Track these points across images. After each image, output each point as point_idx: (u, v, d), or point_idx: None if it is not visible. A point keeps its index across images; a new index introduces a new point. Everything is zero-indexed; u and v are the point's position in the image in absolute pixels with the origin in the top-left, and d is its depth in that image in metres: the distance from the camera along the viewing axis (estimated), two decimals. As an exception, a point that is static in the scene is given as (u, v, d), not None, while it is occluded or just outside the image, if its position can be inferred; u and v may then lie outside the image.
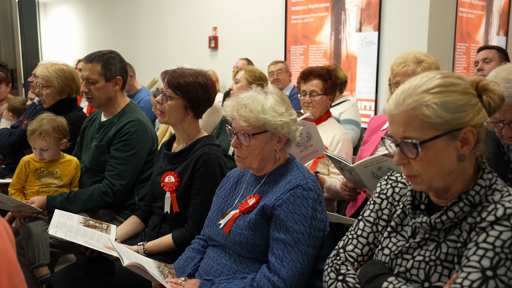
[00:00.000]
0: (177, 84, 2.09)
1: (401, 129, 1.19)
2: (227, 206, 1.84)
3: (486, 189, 1.22)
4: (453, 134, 1.17)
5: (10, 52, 6.80)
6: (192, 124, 2.22)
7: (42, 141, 2.53)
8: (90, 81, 2.54)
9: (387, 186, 1.43)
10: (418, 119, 1.16)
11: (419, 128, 1.16)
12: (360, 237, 1.42)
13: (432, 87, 1.18)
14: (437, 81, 1.19)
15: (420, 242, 1.28)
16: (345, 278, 1.35)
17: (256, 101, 1.68)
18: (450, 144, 1.17)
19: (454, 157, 1.19)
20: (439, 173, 1.20)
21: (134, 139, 2.49)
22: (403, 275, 1.28)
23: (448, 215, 1.22)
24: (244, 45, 6.05)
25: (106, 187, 2.47)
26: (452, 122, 1.16)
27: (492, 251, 1.11)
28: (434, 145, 1.17)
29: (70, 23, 9.16)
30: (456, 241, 1.21)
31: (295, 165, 1.75)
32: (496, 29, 5.45)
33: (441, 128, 1.16)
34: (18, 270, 0.82)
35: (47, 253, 2.33)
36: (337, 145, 2.73)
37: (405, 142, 1.18)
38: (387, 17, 4.61)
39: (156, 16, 7.21)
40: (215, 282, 1.66)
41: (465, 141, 1.18)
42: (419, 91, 1.18)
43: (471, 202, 1.21)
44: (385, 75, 4.66)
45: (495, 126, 1.80)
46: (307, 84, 2.78)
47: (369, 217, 1.43)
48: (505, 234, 1.12)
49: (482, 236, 1.14)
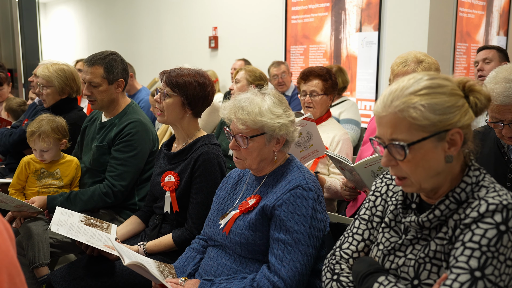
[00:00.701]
0: (175, 82, 2.11)
1: (388, 131, 1.20)
2: (227, 206, 1.84)
3: (472, 186, 1.22)
4: (440, 136, 1.18)
5: (10, 52, 6.79)
6: (191, 123, 2.22)
7: (42, 143, 2.53)
8: (93, 85, 2.53)
9: (382, 184, 1.45)
10: (405, 121, 1.17)
11: (407, 130, 1.17)
12: (355, 235, 1.44)
13: (420, 88, 1.18)
14: (425, 82, 1.19)
15: (412, 240, 1.29)
16: (339, 278, 1.37)
17: (253, 103, 1.68)
18: (438, 145, 1.18)
19: (441, 158, 1.20)
20: (427, 174, 1.21)
21: (135, 140, 2.49)
22: (394, 272, 1.29)
23: (435, 214, 1.23)
24: (244, 45, 6.05)
25: (106, 188, 2.47)
26: (439, 124, 1.17)
27: (479, 251, 1.12)
28: (422, 147, 1.18)
29: (70, 23, 9.16)
30: (443, 238, 1.22)
31: (295, 165, 1.75)
32: (496, 29, 5.45)
33: (428, 130, 1.17)
34: (18, 270, 0.82)
35: (47, 253, 2.33)
36: (337, 145, 2.73)
37: (393, 144, 1.19)
38: (387, 17, 4.61)
39: (156, 16, 7.21)
40: (215, 282, 1.66)
41: (453, 142, 1.19)
42: (407, 93, 1.18)
43: (457, 200, 1.22)
44: (385, 75, 4.66)
45: (495, 126, 1.80)
46: (307, 84, 2.77)
47: (364, 215, 1.45)
48: (490, 232, 1.13)
49: (468, 235, 1.15)
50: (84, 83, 2.57)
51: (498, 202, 1.15)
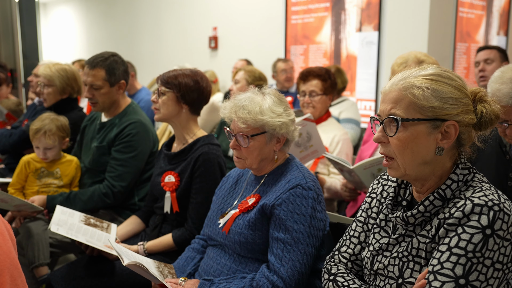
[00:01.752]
0: (167, 78, 2.15)
1: (388, 107, 1.22)
2: (227, 205, 1.84)
3: (459, 184, 1.22)
4: (436, 123, 1.19)
5: (10, 52, 6.79)
6: (190, 121, 2.22)
7: (48, 140, 2.52)
8: (94, 87, 2.52)
9: (378, 185, 1.45)
10: (407, 98, 1.19)
11: (405, 107, 1.20)
12: (352, 237, 1.44)
13: (429, 74, 1.21)
14: (436, 70, 1.22)
15: (398, 238, 1.29)
16: (335, 278, 1.38)
17: (253, 102, 1.68)
18: (431, 133, 1.19)
19: (432, 148, 1.21)
20: (414, 159, 1.21)
21: (135, 141, 2.49)
22: (381, 272, 1.29)
23: (419, 209, 1.23)
24: (244, 45, 6.05)
25: (106, 188, 2.47)
26: (437, 111, 1.18)
27: (464, 257, 1.11)
28: (415, 129, 1.19)
29: (70, 23, 9.14)
30: (426, 236, 1.22)
31: (294, 164, 1.75)
32: (496, 29, 5.45)
33: (425, 113, 1.18)
34: (20, 272, 0.82)
35: (47, 253, 2.33)
36: (337, 145, 2.73)
37: (388, 118, 1.22)
38: (387, 17, 4.61)
39: (156, 16, 7.21)
40: (215, 282, 1.66)
41: (446, 135, 1.20)
42: (416, 74, 1.22)
43: (441, 196, 1.22)
44: (385, 75, 4.66)
45: (499, 126, 1.80)
46: (307, 84, 2.78)
47: (360, 217, 1.45)
48: (475, 237, 1.12)
49: (454, 239, 1.14)
50: (85, 86, 2.56)
51: (483, 202, 1.14)
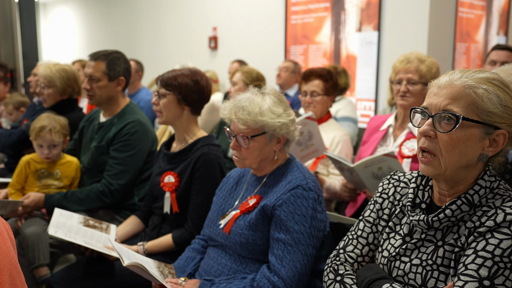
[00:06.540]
0: (167, 80, 2.14)
1: (445, 102, 1.19)
2: (228, 206, 1.84)
3: (486, 190, 1.21)
4: (489, 129, 1.17)
5: (10, 52, 6.78)
6: (191, 122, 2.22)
7: (54, 136, 2.51)
8: (93, 79, 2.54)
9: (389, 185, 1.42)
10: (468, 97, 1.17)
11: (465, 106, 1.17)
12: (360, 238, 1.41)
13: (493, 78, 1.19)
14: (497, 76, 1.20)
15: (417, 243, 1.27)
16: (343, 279, 1.34)
17: (253, 103, 1.68)
18: (482, 138, 1.18)
19: (477, 153, 1.19)
20: (458, 161, 1.19)
21: (134, 140, 2.49)
22: (400, 279, 1.27)
23: (446, 213, 1.21)
24: (244, 45, 6.04)
25: (103, 186, 2.47)
26: (495, 117, 1.16)
27: (491, 260, 1.10)
28: (470, 130, 1.17)
29: (70, 23, 9.14)
30: (454, 245, 1.20)
31: (295, 165, 1.75)
32: (496, 29, 5.45)
33: (482, 117, 1.16)
34: (19, 271, 0.82)
35: (47, 253, 2.32)
36: (337, 145, 2.73)
37: (444, 113, 1.18)
38: (387, 17, 4.61)
39: (156, 16, 7.21)
40: (215, 282, 1.66)
41: (494, 143, 1.19)
42: (479, 76, 1.19)
43: (469, 201, 1.20)
44: (385, 75, 4.65)
45: None
46: (308, 85, 2.78)
47: (369, 217, 1.42)
48: (505, 243, 1.11)
49: (481, 243, 1.13)
50: (85, 77, 2.58)
51: None
